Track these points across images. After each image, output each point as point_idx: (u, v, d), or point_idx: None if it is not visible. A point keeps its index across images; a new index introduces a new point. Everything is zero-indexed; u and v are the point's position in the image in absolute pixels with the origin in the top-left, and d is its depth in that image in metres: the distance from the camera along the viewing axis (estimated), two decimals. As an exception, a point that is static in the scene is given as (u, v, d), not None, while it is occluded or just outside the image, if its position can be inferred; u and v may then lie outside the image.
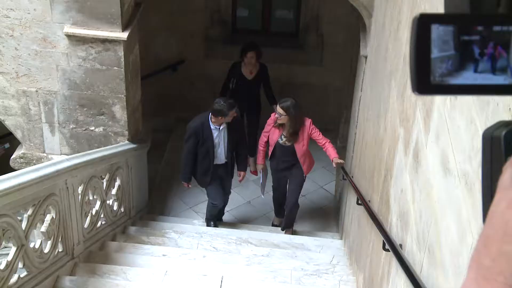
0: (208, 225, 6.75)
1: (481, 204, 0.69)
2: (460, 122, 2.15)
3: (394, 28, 4.04)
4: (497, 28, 0.64)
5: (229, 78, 7.03)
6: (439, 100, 2.50)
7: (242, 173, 6.37)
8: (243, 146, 6.31)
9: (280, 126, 5.91)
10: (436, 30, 0.64)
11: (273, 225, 6.99)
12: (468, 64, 0.65)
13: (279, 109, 5.76)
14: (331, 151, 5.95)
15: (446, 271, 2.22)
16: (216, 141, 5.95)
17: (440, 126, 2.46)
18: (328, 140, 6.03)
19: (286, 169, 6.22)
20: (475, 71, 0.65)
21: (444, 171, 2.33)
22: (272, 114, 6.02)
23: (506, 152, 0.66)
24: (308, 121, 5.93)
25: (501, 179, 0.64)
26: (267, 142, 6.15)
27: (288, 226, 6.66)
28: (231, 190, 6.71)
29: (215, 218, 6.75)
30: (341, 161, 6.03)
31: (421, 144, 2.80)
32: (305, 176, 6.34)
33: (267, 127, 6.08)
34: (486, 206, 0.67)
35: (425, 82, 0.65)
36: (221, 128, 5.89)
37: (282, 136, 5.98)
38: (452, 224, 2.15)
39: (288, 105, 5.73)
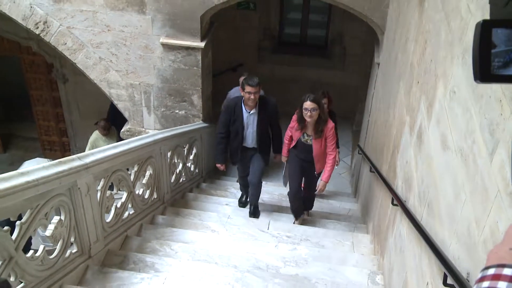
0: (239, 200, 5.58)
1: (510, 171, 0.66)
2: (457, 110, 2.11)
3: (402, 42, 3.96)
4: None
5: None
6: (440, 94, 2.45)
7: (277, 155, 5.07)
8: (275, 132, 4.95)
9: (304, 127, 4.47)
10: (496, 33, 0.61)
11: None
12: None
13: (310, 104, 4.26)
14: (327, 171, 4.57)
15: (442, 220, 2.20)
16: (245, 122, 4.74)
17: (440, 114, 2.41)
18: (334, 155, 4.55)
19: (305, 161, 4.70)
20: None
21: (443, 147, 2.30)
22: (296, 111, 4.50)
23: None
24: (331, 124, 4.47)
25: None
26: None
27: (308, 208, 5.35)
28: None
29: (244, 190, 5.52)
30: (323, 189, 4.72)
31: (424, 128, 2.75)
32: (318, 176, 4.82)
33: (292, 123, 4.62)
34: None
35: (486, 73, 0.62)
36: (251, 112, 4.70)
37: (305, 134, 4.55)
38: (449, 186, 2.13)
39: (316, 96, 4.38)
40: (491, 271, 0.54)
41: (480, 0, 1.96)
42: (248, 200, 5.41)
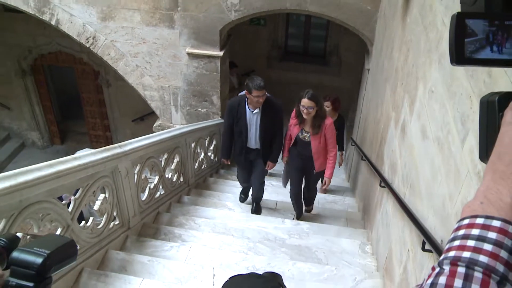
0: (240, 199, 4.83)
1: (478, 147, 0.63)
2: (435, 106, 2.12)
3: (388, 51, 3.94)
4: (508, 22, 0.60)
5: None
6: (420, 93, 2.45)
7: (269, 163, 4.15)
8: (276, 138, 4.04)
9: (302, 122, 3.79)
10: (469, 23, 0.60)
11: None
12: (487, 46, 0.60)
13: (307, 102, 3.57)
14: (329, 167, 3.94)
15: (422, 198, 2.21)
16: (248, 122, 3.94)
17: (420, 109, 2.41)
18: (335, 151, 3.90)
19: (305, 159, 3.99)
20: (491, 50, 0.60)
21: (422, 137, 2.30)
22: (295, 107, 3.80)
23: (499, 111, 0.60)
24: (330, 120, 3.79)
25: (504, 119, 0.58)
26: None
27: (308, 205, 4.62)
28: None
29: (244, 195, 4.80)
30: (327, 186, 4.10)
31: (407, 121, 2.75)
32: (318, 175, 4.15)
33: (291, 120, 3.89)
34: (482, 148, 0.61)
35: (461, 56, 0.60)
36: (254, 111, 3.87)
37: (303, 131, 3.85)
38: (427, 169, 2.14)
39: (315, 94, 3.63)
40: (466, 221, 0.55)
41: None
42: (250, 195, 4.71)
